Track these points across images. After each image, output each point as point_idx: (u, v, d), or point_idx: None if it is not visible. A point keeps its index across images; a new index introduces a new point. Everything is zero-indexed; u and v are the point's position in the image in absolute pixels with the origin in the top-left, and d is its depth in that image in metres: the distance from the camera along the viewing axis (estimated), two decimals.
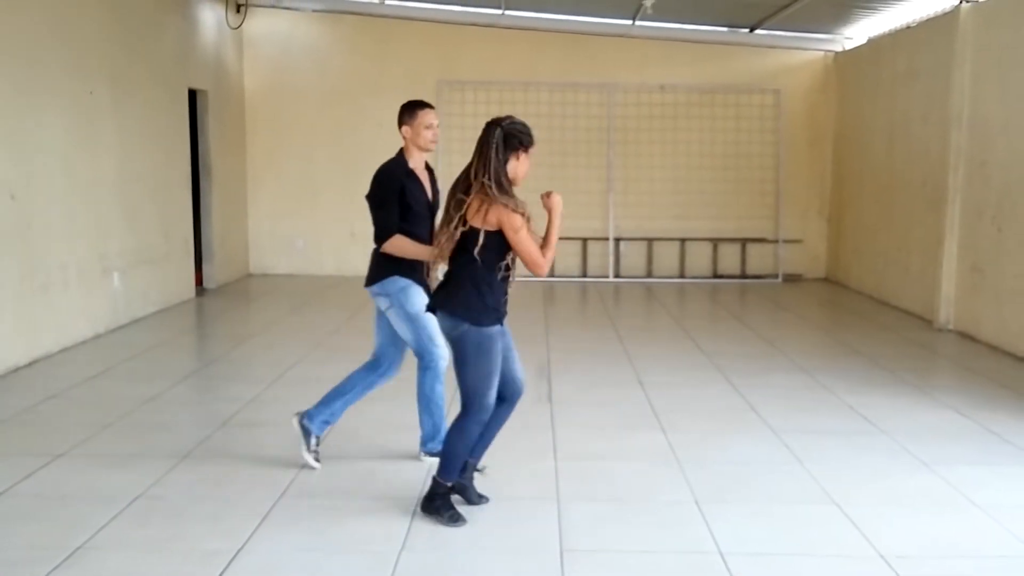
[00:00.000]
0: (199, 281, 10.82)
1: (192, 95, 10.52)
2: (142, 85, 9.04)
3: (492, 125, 4.14)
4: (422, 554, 3.80)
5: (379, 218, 4.68)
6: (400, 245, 4.60)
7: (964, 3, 8.69)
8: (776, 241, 12.49)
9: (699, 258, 12.47)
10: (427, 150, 4.78)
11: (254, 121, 12.25)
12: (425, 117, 4.72)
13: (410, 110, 4.74)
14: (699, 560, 3.78)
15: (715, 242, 12.40)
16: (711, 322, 9.67)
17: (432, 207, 4.80)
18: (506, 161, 4.08)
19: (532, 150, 4.21)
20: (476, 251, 3.97)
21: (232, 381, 6.80)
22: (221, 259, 11.26)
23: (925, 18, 9.77)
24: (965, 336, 8.57)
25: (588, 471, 4.85)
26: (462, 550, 3.87)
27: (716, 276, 12.46)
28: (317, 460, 4.77)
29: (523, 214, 3.99)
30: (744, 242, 12.45)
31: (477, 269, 4.01)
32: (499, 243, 4.01)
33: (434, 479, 4.15)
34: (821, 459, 5.03)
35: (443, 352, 4.74)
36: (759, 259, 12.56)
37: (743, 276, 12.47)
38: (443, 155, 12.23)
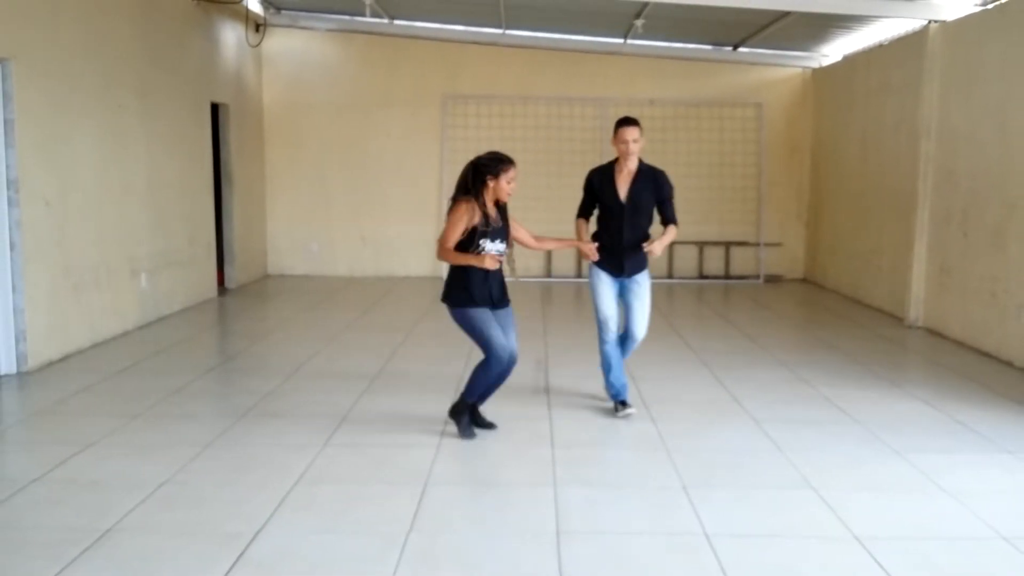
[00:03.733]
0: (221, 281, 10.81)
1: (215, 108, 10.51)
2: (168, 99, 9.03)
3: (470, 164, 4.92)
4: (428, 535, 3.80)
5: None
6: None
7: (932, 23, 8.68)
8: (758, 244, 12.48)
9: (686, 260, 12.46)
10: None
11: (272, 132, 12.24)
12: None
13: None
14: (686, 541, 3.78)
15: (701, 245, 12.38)
16: (697, 320, 9.66)
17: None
18: (481, 188, 4.85)
19: (509, 170, 4.89)
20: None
21: (252, 374, 6.79)
22: (241, 261, 11.25)
23: (896, 37, 9.76)
24: (933, 333, 8.56)
25: (583, 458, 4.85)
26: (465, 531, 3.87)
27: (702, 277, 12.45)
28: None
29: (461, 202, 4.84)
30: (728, 245, 12.44)
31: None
32: (469, 238, 4.86)
33: (461, 396, 5.10)
34: (799, 447, 5.03)
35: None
36: (742, 261, 12.55)
37: (727, 277, 12.46)
38: (447, 165, 12.24)
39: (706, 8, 9.24)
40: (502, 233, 4.97)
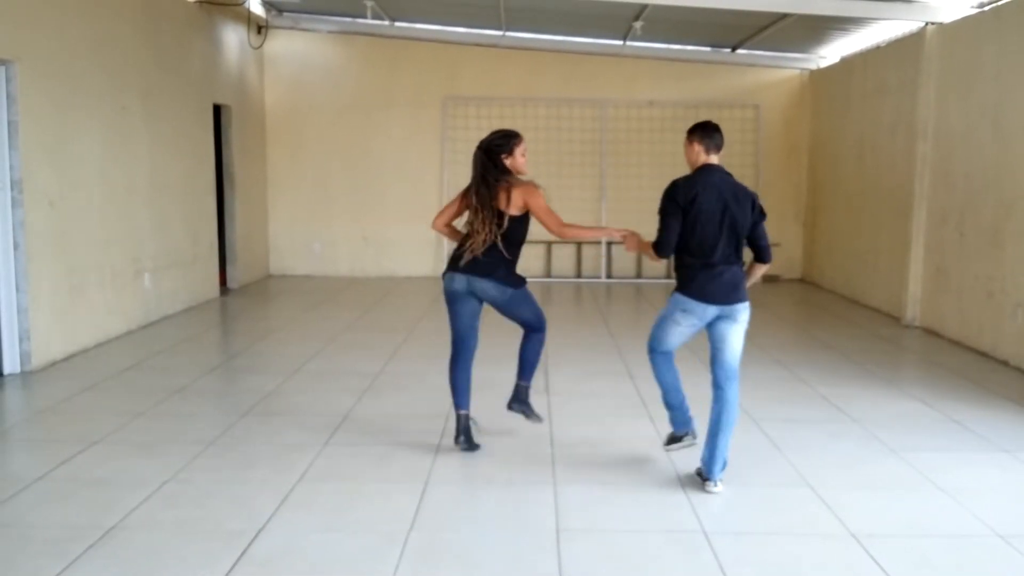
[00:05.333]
0: (223, 282, 10.82)
1: (217, 110, 10.51)
2: (171, 100, 9.03)
3: (478, 150, 4.83)
4: (429, 533, 3.80)
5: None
6: None
7: (929, 25, 8.68)
8: None
9: None
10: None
11: (274, 133, 12.25)
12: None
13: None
14: (685, 539, 3.78)
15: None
16: None
17: None
18: (502, 165, 4.74)
19: (520, 143, 4.80)
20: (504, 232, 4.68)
21: (254, 374, 6.79)
22: (243, 261, 11.25)
23: (893, 39, 9.76)
24: (930, 332, 8.56)
25: (582, 456, 4.84)
26: (466, 529, 3.87)
27: None
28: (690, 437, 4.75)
29: (523, 185, 4.70)
30: None
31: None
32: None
33: (520, 384, 5.01)
34: (797, 446, 5.03)
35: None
36: None
37: None
38: (448, 166, 12.24)
39: (704, 10, 9.24)
40: None
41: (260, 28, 11.66)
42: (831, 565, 3.57)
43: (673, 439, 4.74)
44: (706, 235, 4.39)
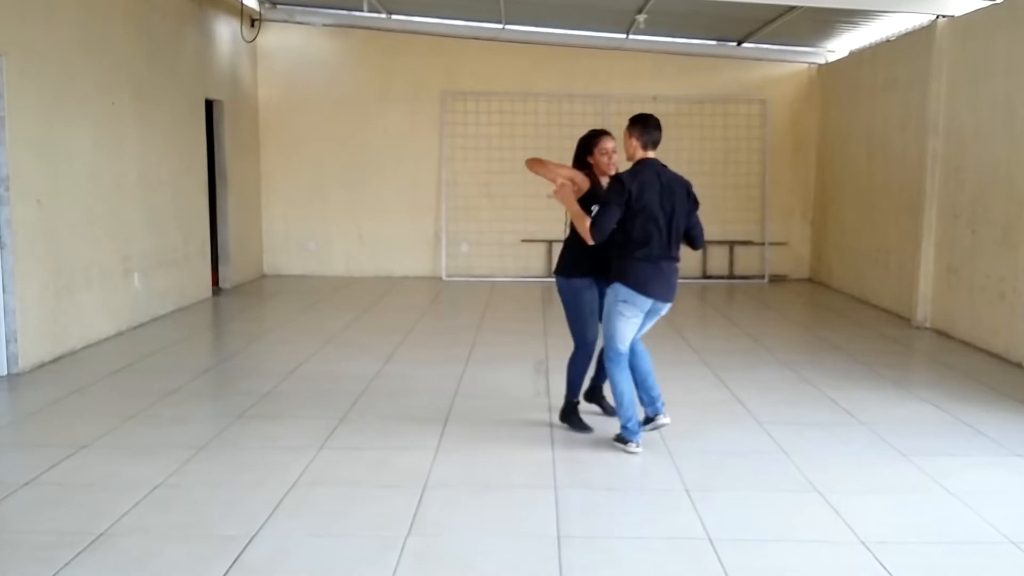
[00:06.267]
0: (215, 281, 10.82)
1: (209, 105, 10.52)
2: (162, 96, 9.04)
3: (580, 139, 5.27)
4: (427, 539, 3.80)
5: None
6: None
7: (940, 18, 8.69)
8: (762, 243, 12.49)
9: (689, 260, 12.42)
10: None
11: (267, 129, 12.25)
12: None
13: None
14: (688, 545, 3.78)
15: (704, 244, 12.36)
16: (700, 320, 9.67)
17: None
18: (584, 160, 5.15)
19: (600, 142, 5.12)
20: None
21: (247, 376, 6.80)
22: (236, 260, 11.26)
23: (903, 32, 9.76)
24: (941, 333, 8.57)
25: (583, 460, 4.85)
26: (464, 535, 3.87)
27: (705, 277, 12.46)
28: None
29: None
30: (732, 244, 12.45)
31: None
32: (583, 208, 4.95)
33: (565, 398, 5.33)
34: (804, 449, 5.03)
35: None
36: (746, 261, 12.56)
37: (731, 277, 12.47)
38: (447, 162, 12.25)
39: (709, 3, 9.25)
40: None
41: (253, 21, 11.66)
42: (839, 573, 3.57)
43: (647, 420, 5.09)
44: (649, 229, 4.72)
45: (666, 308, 4.94)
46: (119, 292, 8.14)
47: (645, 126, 4.84)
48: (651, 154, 4.84)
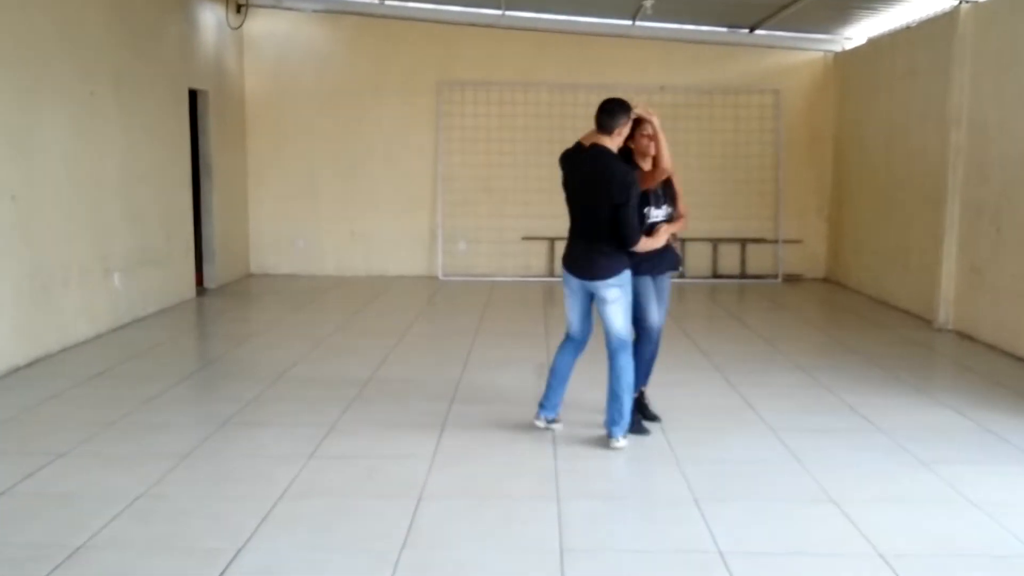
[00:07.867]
0: (200, 281, 10.82)
1: (193, 95, 10.53)
2: (143, 85, 9.05)
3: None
4: (423, 551, 3.81)
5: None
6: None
7: (963, 3, 8.69)
8: (776, 241, 12.50)
9: (699, 258, 12.47)
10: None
11: (255, 121, 12.26)
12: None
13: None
14: (698, 559, 3.78)
15: (715, 242, 12.40)
16: (709, 321, 9.68)
17: None
18: (629, 145, 5.32)
19: (643, 124, 5.26)
20: None
21: (233, 381, 6.81)
22: (222, 259, 11.27)
23: (924, 18, 9.77)
24: (964, 336, 8.57)
25: (587, 470, 4.85)
26: (462, 548, 3.87)
27: (716, 276, 12.47)
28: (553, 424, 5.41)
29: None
30: (744, 242, 12.46)
31: None
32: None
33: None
34: (819, 457, 5.03)
35: None
36: (759, 259, 12.57)
37: (743, 276, 12.48)
38: (443, 156, 12.26)
39: None
40: (661, 199, 5.35)
41: (239, 7, 11.67)
42: None
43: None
44: (570, 208, 5.27)
45: (601, 289, 5.16)
46: (98, 292, 8.14)
47: (600, 110, 5.26)
48: (605, 140, 5.21)
